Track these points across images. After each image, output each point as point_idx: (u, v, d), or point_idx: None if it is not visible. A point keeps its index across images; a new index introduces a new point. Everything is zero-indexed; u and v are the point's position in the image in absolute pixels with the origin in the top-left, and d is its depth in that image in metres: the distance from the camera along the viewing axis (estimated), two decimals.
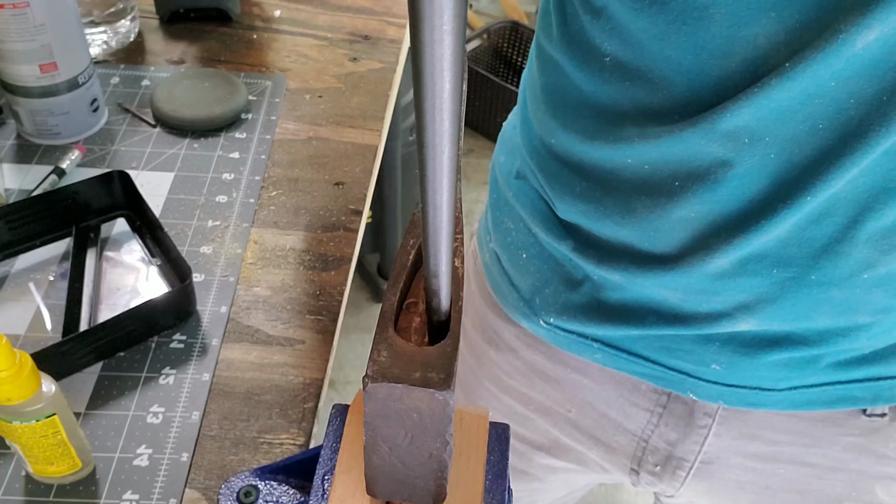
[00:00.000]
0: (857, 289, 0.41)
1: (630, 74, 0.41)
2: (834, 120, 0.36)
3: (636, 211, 0.44)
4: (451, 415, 0.25)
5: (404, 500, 0.29)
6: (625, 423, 0.56)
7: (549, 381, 0.58)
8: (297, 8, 0.94)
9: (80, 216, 0.66)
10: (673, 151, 0.40)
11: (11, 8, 0.65)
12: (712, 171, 0.40)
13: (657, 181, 0.42)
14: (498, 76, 2.16)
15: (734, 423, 0.52)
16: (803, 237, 0.40)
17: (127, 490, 0.51)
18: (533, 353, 0.58)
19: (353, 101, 0.82)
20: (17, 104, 0.72)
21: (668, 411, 0.54)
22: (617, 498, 1.53)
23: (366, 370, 0.25)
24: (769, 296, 0.43)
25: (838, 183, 0.37)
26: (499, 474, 0.32)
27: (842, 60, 0.34)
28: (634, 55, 0.40)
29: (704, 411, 0.52)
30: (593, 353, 0.53)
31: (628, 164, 0.43)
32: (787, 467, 0.54)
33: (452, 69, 0.17)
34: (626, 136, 0.42)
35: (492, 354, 0.61)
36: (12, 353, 0.43)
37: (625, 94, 0.41)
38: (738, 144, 0.38)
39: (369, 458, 0.27)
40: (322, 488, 0.31)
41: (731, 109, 0.37)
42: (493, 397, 0.63)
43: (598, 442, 0.59)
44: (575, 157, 0.46)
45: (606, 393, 0.56)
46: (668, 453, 0.55)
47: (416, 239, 0.29)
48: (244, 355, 0.59)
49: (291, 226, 0.69)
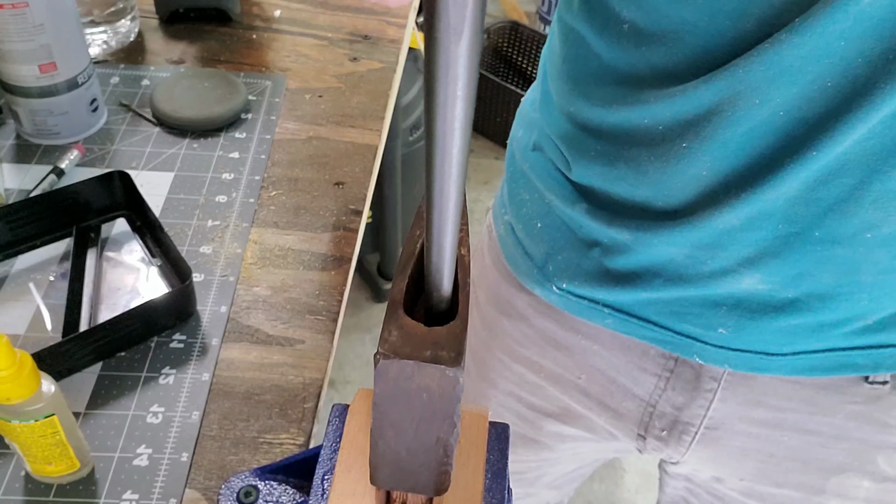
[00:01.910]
0: (860, 247, 0.42)
1: (647, 39, 0.42)
2: (842, 78, 0.37)
3: (649, 171, 0.46)
4: (459, 395, 0.26)
5: (408, 490, 0.29)
6: (633, 388, 0.57)
7: (560, 348, 0.60)
8: (297, 8, 0.94)
9: (81, 216, 0.66)
10: (685, 111, 0.42)
11: (11, 8, 0.65)
12: (722, 129, 0.41)
13: (669, 140, 0.44)
14: (498, 76, 2.16)
15: (739, 388, 0.53)
16: (811, 196, 0.41)
17: (127, 490, 0.51)
18: (545, 321, 0.60)
19: (353, 100, 0.82)
20: (17, 104, 0.72)
21: (675, 375, 0.55)
22: (617, 497, 1.53)
23: (377, 349, 0.25)
24: (773, 251, 0.44)
25: (846, 141, 0.38)
26: (498, 474, 0.32)
27: (850, 18, 0.35)
28: (651, 20, 0.41)
29: (710, 375, 0.54)
30: (604, 318, 0.54)
31: (644, 124, 0.44)
32: (790, 434, 0.54)
33: None
34: (643, 99, 0.44)
35: (505, 324, 0.63)
36: (12, 352, 0.43)
37: (642, 59, 0.43)
38: (747, 102, 0.39)
39: (375, 443, 0.28)
40: (322, 488, 0.31)
41: (742, 66, 0.38)
42: (504, 367, 0.65)
43: (607, 408, 0.60)
44: (593, 121, 0.48)
45: (616, 359, 0.57)
46: (675, 418, 0.57)
47: (422, 229, 0.29)
48: (244, 355, 0.59)
49: (291, 226, 0.69)
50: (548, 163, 0.55)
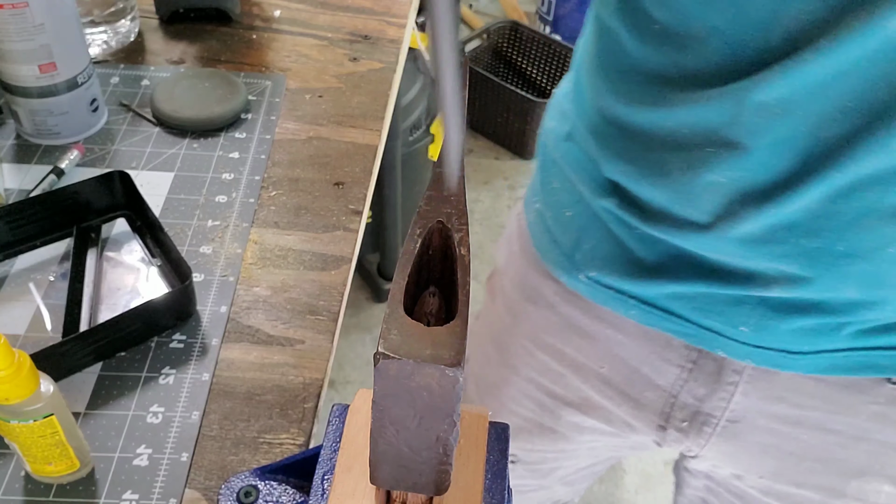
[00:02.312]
0: (883, 262, 0.43)
1: (675, 40, 0.43)
2: (863, 100, 0.37)
3: (671, 173, 0.46)
4: (459, 394, 0.26)
5: (408, 489, 0.29)
6: (655, 378, 0.58)
7: (584, 336, 0.60)
8: (297, 8, 0.94)
9: (81, 216, 0.66)
10: (709, 117, 0.42)
11: (10, 8, 0.65)
12: (743, 139, 0.41)
13: (692, 145, 0.44)
14: (498, 76, 2.16)
15: (761, 383, 0.54)
16: (831, 210, 0.41)
17: (127, 490, 0.51)
18: (571, 309, 0.60)
19: (353, 100, 0.82)
20: (17, 104, 0.72)
21: (698, 367, 0.55)
22: (617, 497, 1.53)
23: (377, 348, 0.25)
24: (797, 264, 0.45)
25: (866, 162, 0.38)
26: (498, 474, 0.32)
27: (875, 41, 0.35)
28: (680, 21, 0.42)
29: (733, 368, 0.54)
30: (629, 309, 0.55)
31: (667, 126, 0.45)
32: (810, 433, 0.55)
33: None
34: (668, 101, 0.44)
35: (530, 311, 0.63)
36: (11, 352, 0.43)
37: (670, 60, 0.44)
38: (769, 115, 0.40)
39: (375, 442, 0.28)
40: (322, 488, 0.31)
41: (766, 80, 0.39)
42: (528, 354, 0.65)
43: (628, 398, 0.60)
44: (620, 118, 0.49)
45: (639, 348, 0.58)
46: (696, 409, 0.57)
47: (423, 227, 0.29)
48: (244, 355, 0.59)
49: (291, 226, 0.69)
50: (580, 154, 0.55)
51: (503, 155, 2.20)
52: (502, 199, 2.08)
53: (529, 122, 2.07)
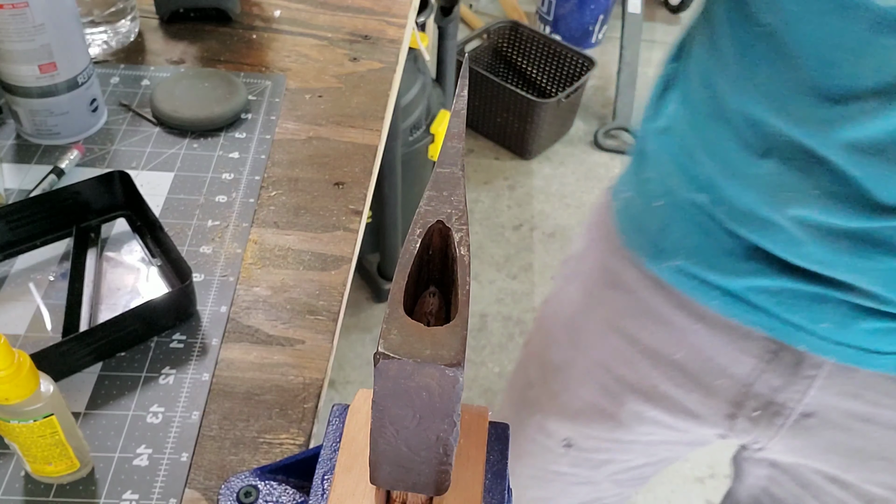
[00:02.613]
0: None
1: (777, 47, 0.43)
2: None
3: (760, 175, 0.47)
4: (459, 394, 0.26)
5: (408, 489, 0.29)
6: (730, 367, 0.58)
7: (661, 322, 0.60)
8: (297, 8, 0.94)
9: (81, 216, 0.66)
10: (798, 148, 0.43)
11: (10, 8, 0.65)
12: (831, 175, 0.43)
13: (781, 160, 0.45)
14: (498, 76, 2.16)
15: (839, 378, 0.54)
16: None
17: (127, 490, 0.51)
18: (651, 295, 0.60)
19: (353, 100, 0.82)
20: (17, 104, 0.72)
21: (777, 358, 0.55)
22: None
23: (377, 348, 0.25)
24: (880, 283, 0.46)
25: None
26: (498, 474, 0.32)
27: None
28: (785, 32, 0.43)
29: (813, 363, 0.54)
30: (711, 299, 0.55)
31: (754, 130, 0.46)
32: (882, 431, 0.55)
33: None
34: (753, 102, 0.45)
35: (609, 294, 0.64)
36: (11, 352, 0.43)
37: (764, 62, 0.45)
38: (858, 155, 0.40)
39: (375, 442, 0.28)
40: (322, 488, 0.31)
41: (858, 121, 0.39)
42: (600, 337, 0.65)
43: (699, 385, 0.60)
44: (726, 113, 0.49)
45: (717, 338, 0.58)
46: (770, 398, 0.57)
47: (423, 227, 0.29)
48: (244, 355, 0.59)
49: (291, 226, 0.69)
50: (675, 146, 0.56)
51: (503, 155, 2.20)
52: (502, 199, 2.08)
53: (529, 122, 2.07)
